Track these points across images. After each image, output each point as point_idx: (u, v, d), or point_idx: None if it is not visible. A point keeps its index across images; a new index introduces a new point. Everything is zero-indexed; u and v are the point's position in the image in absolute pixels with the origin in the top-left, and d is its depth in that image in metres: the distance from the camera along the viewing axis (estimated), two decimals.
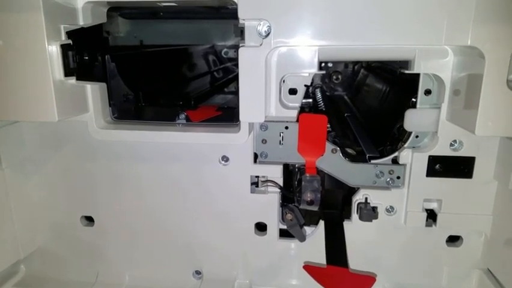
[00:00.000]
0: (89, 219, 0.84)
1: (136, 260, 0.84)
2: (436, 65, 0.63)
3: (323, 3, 0.59)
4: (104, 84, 0.73)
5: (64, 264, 0.86)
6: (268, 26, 0.60)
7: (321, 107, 1.00)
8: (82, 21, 0.65)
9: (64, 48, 0.61)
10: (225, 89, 1.24)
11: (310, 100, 0.89)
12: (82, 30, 0.66)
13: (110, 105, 0.75)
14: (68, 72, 0.63)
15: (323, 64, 1.20)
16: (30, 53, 0.59)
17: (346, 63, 1.22)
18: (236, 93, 0.66)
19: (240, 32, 0.64)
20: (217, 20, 1.16)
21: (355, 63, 1.20)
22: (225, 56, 1.31)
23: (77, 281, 0.84)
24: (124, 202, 0.80)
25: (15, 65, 0.59)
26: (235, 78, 1.12)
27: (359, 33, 0.59)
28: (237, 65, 0.64)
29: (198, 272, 0.83)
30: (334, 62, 1.20)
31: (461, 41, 0.56)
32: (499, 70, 0.54)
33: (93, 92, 0.70)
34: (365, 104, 1.10)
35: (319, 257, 0.74)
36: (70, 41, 0.63)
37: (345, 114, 1.05)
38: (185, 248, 0.81)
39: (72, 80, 0.65)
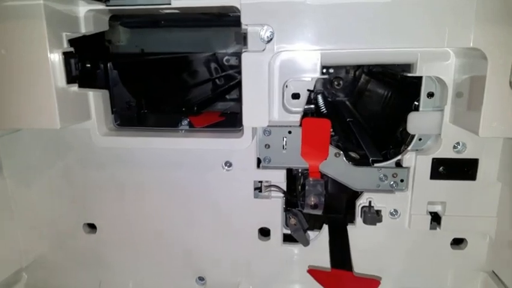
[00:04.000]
0: (92, 227, 0.83)
1: (139, 266, 0.83)
2: (438, 68, 0.63)
3: (325, 9, 0.59)
4: (106, 92, 0.73)
5: (66, 272, 0.85)
6: (271, 31, 0.60)
7: (323, 111, 1.00)
8: (83, 29, 0.65)
9: (66, 55, 0.61)
10: (227, 96, 1.24)
11: (312, 106, 0.89)
12: (83, 38, 0.66)
13: (112, 113, 0.75)
14: (70, 80, 0.63)
15: (324, 70, 1.19)
16: (33, 61, 0.59)
17: (347, 69, 1.22)
18: (238, 100, 0.66)
19: (243, 38, 0.64)
20: (218, 27, 1.17)
21: (356, 69, 1.20)
22: (226, 63, 1.32)
23: None
24: (127, 209, 0.79)
25: (17, 73, 0.59)
26: (237, 85, 1.13)
27: (361, 38, 0.60)
28: (239, 72, 0.64)
29: (201, 278, 0.83)
30: (335, 68, 1.20)
31: (464, 42, 0.56)
32: (502, 71, 0.54)
33: (95, 99, 0.70)
34: (367, 109, 1.10)
35: (323, 261, 0.74)
36: (72, 49, 0.63)
37: (348, 120, 1.05)
38: (188, 254, 0.81)
39: (74, 88, 0.65)
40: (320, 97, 1.06)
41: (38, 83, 0.60)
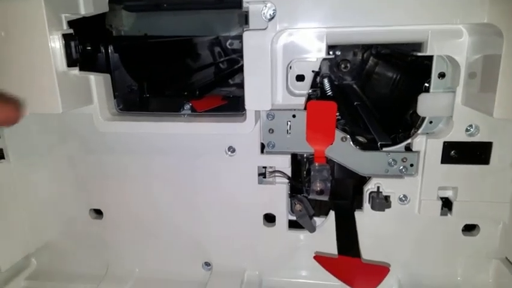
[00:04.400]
0: (98, 212, 0.83)
1: (146, 252, 0.83)
2: (450, 46, 0.60)
3: None
4: (108, 76, 0.72)
5: (74, 258, 0.86)
6: (273, 9, 0.58)
7: (329, 95, 0.98)
8: (83, 11, 0.64)
9: (66, 37, 0.60)
10: (230, 81, 1.23)
11: (318, 90, 0.87)
12: (83, 19, 0.64)
13: (115, 97, 0.74)
14: (70, 63, 0.62)
15: (331, 52, 1.17)
16: (32, 43, 0.58)
17: (355, 52, 1.18)
18: (241, 84, 0.64)
19: (245, 18, 0.62)
20: (221, 10, 1.15)
21: (364, 50, 1.17)
22: (229, 47, 1.30)
23: (87, 274, 0.84)
24: (132, 194, 0.79)
25: (17, 56, 0.58)
26: (240, 70, 1.12)
27: (369, 14, 0.57)
28: (241, 56, 0.62)
29: (207, 264, 0.82)
30: (342, 50, 1.16)
31: (478, 18, 0.53)
32: None
33: (97, 83, 0.69)
34: (375, 92, 1.07)
35: (329, 248, 0.73)
36: (72, 31, 0.61)
37: (355, 103, 1.02)
38: (194, 240, 0.81)
39: (75, 71, 0.64)
40: (326, 81, 1.03)
41: (38, 66, 0.59)
